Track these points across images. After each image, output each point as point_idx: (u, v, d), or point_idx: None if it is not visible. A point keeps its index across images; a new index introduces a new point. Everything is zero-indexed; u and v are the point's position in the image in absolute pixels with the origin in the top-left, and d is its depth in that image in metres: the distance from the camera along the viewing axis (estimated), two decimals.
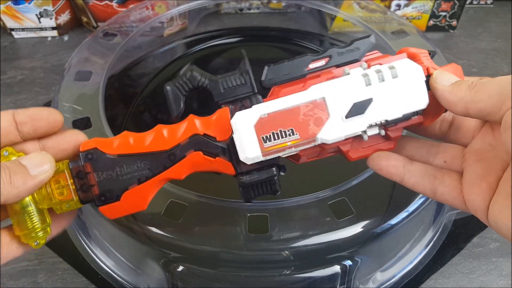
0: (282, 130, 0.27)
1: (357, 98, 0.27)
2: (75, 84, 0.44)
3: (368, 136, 0.28)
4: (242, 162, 0.27)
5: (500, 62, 0.67)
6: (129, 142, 0.28)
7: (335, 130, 0.27)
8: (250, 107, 0.27)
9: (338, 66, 0.28)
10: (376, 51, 0.29)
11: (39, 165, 0.25)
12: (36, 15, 0.67)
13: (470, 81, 0.25)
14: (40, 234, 0.27)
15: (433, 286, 0.41)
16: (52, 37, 0.69)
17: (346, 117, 0.27)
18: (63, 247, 0.42)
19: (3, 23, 0.68)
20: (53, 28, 0.68)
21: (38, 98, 0.60)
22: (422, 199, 0.37)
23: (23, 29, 0.68)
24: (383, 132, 0.28)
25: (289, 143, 0.27)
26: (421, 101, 0.27)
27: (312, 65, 0.28)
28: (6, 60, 0.65)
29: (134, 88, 0.57)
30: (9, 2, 0.65)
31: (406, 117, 0.28)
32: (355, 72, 0.27)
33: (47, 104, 0.57)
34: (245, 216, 0.34)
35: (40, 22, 0.68)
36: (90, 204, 0.28)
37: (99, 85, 0.43)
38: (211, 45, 0.61)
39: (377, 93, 0.27)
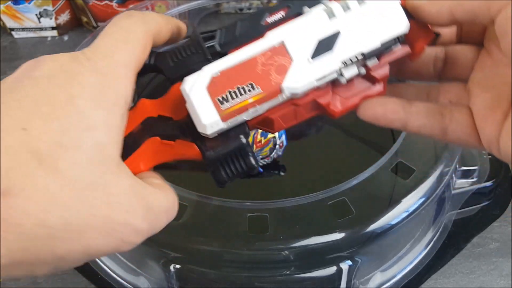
0: (240, 86, 0.23)
1: (322, 34, 0.23)
2: None
3: (347, 80, 0.24)
4: (206, 138, 0.24)
5: None
6: None
7: (302, 75, 0.23)
8: None
9: (300, 14, 0.24)
10: None
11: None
12: (36, 15, 0.67)
13: None
14: None
15: (433, 286, 0.41)
16: (52, 37, 0.69)
17: (312, 57, 0.23)
18: None
19: (3, 23, 0.68)
20: (53, 28, 0.68)
21: None
22: (423, 199, 0.37)
23: (23, 29, 0.68)
24: (363, 70, 0.24)
25: (250, 100, 0.23)
26: (400, 24, 0.23)
27: (270, 19, 0.24)
28: (6, 60, 0.65)
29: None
30: (9, 2, 0.65)
31: (386, 47, 0.24)
32: (316, 8, 0.24)
33: None
34: (245, 216, 0.34)
35: (40, 22, 0.67)
36: None
37: None
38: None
39: (344, 24, 0.23)
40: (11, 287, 0.40)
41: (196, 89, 0.23)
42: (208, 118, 0.23)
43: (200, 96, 0.23)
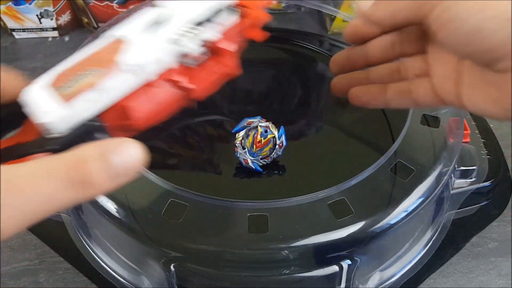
0: (80, 73, 0.23)
1: (154, 17, 0.25)
2: None
3: (193, 51, 0.25)
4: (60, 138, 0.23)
5: None
6: None
7: (138, 48, 0.24)
8: None
9: None
10: None
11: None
12: (37, 15, 0.67)
13: None
14: None
15: (432, 285, 0.41)
16: (53, 37, 0.70)
17: (146, 33, 0.24)
18: (64, 247, 0.42)
19: (4, 24, 0.68)
20: (54, 29, 0.69)
21: None
22: (421, 199, 0.37)
23: (23, 30, 0.68)
24: (207, 38, 0.26)
25: (90, 79, 0.23)
26: None
27: None
28: (7, 61, 0.65)
29: None
30: (10, 3, 0.65)
31: (218, 13, 0.26)
32: None
33: None
34: (245, 216, 0.34)
35: (40, 23, 0.68)
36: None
37: None
38: None
39: (176, 8, 0.26)
40: (11, 287, 0.41)
41: (34, 86, 0.23)
42: (48, 105, 0.22)
43: (42, 92, 0.23)
